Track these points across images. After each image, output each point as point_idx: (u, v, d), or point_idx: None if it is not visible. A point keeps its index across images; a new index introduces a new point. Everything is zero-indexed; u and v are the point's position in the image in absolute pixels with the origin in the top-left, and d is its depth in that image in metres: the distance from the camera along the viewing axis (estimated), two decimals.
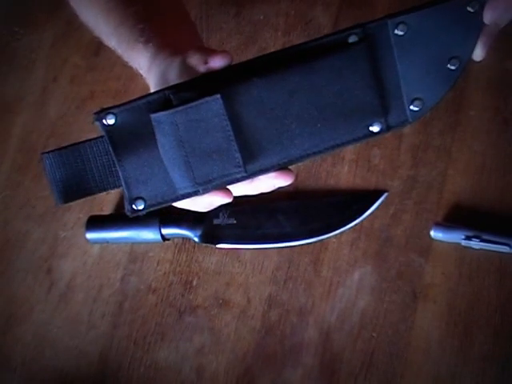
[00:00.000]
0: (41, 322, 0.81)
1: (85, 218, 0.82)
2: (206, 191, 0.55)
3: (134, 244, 0.82)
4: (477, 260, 0.77)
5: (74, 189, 0.56)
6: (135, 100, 0.54)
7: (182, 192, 0.55)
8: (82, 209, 0.84)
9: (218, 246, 0.80)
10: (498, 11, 0.54)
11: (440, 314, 0.76)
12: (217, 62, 0.55)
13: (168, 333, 0.79)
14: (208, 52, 0.56)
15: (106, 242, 0.82)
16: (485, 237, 0.76)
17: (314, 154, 0.55)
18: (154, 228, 0.80)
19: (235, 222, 0.81)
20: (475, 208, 0.79)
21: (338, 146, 0.55)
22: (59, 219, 0.85)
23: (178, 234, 0.81)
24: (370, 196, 0.81)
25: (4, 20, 0.94)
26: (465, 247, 0.77)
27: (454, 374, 0.74)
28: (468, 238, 0.77)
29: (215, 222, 0.81)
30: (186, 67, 0.56)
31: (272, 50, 0.86)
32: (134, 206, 0.55)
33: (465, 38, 0.55)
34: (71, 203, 0.57)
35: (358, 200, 0.81)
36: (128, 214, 0.56)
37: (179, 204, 0.57)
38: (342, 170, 0.82)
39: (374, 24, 0.55)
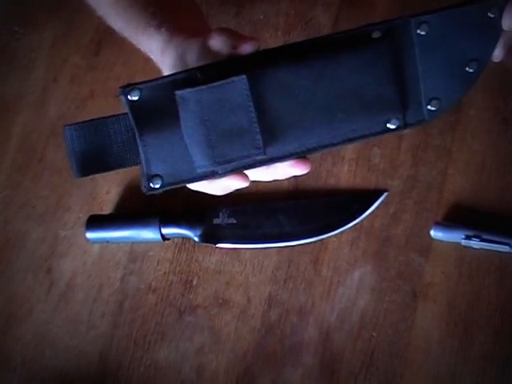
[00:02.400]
0: (41, 322, 0.81)
1: (85, 218, 0.82)
2: (224, 172, 0.55)
3: (134, 243, 0.82)
4: (477, 259, 0.77)
5: (92, 163, 0.56)
6: (161, 78, 0.55)
7: (200, 171, 0.55)
8: (81, 208, 0.84)
9: (218, 245, 0.80)
10: None
11: (440, 314, 0.76)
12: (246, 48, 0.55)
13: (168, 332, 0.79)
14: (237, 36, 0.56)
15: (106, 241, 0.82)
16: (485, 236, 0.76)
17: (332, 145, 0.56)
18: (153, 228, 0.80)
19: (235, 221, 0.81)
20: (475, 207, 0.79)
21: (356, 139, 0.56)
22: (59, 219, 0.85)
23: (178, 233, 0.81)
24: (370, 195, 0.81)
25: (4, 20, 0.94)
26: (465, 247, 0.77)
27: (454, 373, 0.74)
28: (468, 237, 0.77)
29: (215, 221, 0.81)
30: (207, 50, 0.56)
31: None
32: (151, 184, 0.55)
33: (484, 41, 0.56)
34: (87, 177, 0.57)
35: (358, 199, 0.81)
36: (144, 190, 0.56)
37: (196, 186, 0.57)
38: (342, 170, 0.82)
39: (398, 22, 0.55)
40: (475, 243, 0.76)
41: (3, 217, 0.86)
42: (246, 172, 0.56)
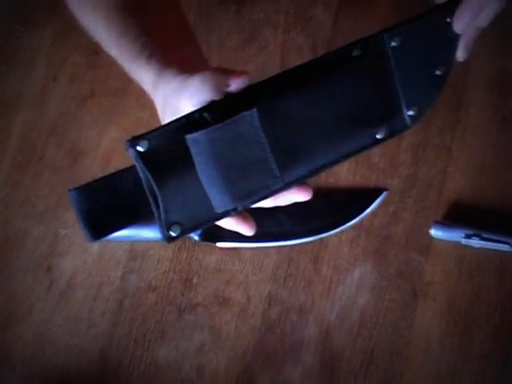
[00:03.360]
0: (41, 321, 0.81)
1: None
2: (243, 207, 0.55)
3: (134, 242, 0.82)
4: (477, 258, 0.77)
5: (104, 223, 0.55)
6: (167, 124, 0.54)
7: (220, 210, 0.54)
8: None
9: (218, 244, 0.80)
10: (465, 20, 0.58)
11: (440, 313, 0.76)
12: (238, 83, 0.55)
13: (168, 331, 0.79)
14: (227, 74, 0.55)
15: (107, 240, 0.82)
16: (485, 235, 0.76)
17: (334, 162, 0.57)
18: (154, 226, 0.80)
19: None
20: (475, 206, 0.79)
21: (352, 154, 0.57)
22: (59, 217, 0.85)
23: None
24: (369, 194, 0.81)
25: (4, 19, 0.94)
26: (465, 246, 0.77)
27: (454, 372, 0.74)
28: (468, 236, 0.77)
29: None
30: (201, 89, 0.55)
31: (272, 48, 0.87)
32: (170, 232, 0.54)
33: (446, 45, 0.59)
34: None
35: (358, 198, 0.81)
36: (164, 240, 0.54)
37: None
38: (341, 169, 0.82)
39: (374, 37, 0.57)
40: (475, 242, 0.76)
41: (3, 215, 0.86)
42: None
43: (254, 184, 0.54)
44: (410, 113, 0.58)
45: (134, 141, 0.52)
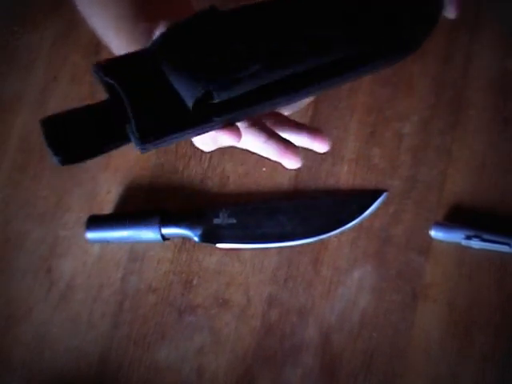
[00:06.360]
0: (40, 322, 0.81)
1: (85, 218, 0.82)
2: (220, 96, 0.52)
3: (134, 243, 0.82)
4: (477, 259, 0.77)
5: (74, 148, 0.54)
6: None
7: (191, 101, 0.52)
8: (81, 208, 0.84)
9: (218, 245, 0.80)
10: None
11: (440, 314, 0.76)
12: None
13: (168, 332, 0.79)
14: None
15: (107, 241, 0.82)
16: (485, 236, 0.76)
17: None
18: (154, 227, 0.80)
19: (235, 221, 0.81)
20: (475, 207, 0.79)
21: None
22: (59, 219, 0.85)
23: (178, 233, 0.81)
24: (369, 195, 0.81)
25: (4, 19, 0.94)
26: (465, 247, 0.77)
27: (454, 373, 0.74)
28: (468, 237, 0.76)
29: (215, 221, 0.81)
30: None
31: None
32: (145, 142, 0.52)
33: None
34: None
35: (358, 199, 0.81)
36: (138, 148, 0.53)
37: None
38: (341, 170, 0.82)
39: None
40: (475, 243, 0.76)
41: (3, 217, 0.86)
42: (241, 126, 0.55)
43: (230, 63, 0.51)
44: None
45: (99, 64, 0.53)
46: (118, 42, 0.64)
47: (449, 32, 0.84)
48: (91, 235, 0.81)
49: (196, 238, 0.80)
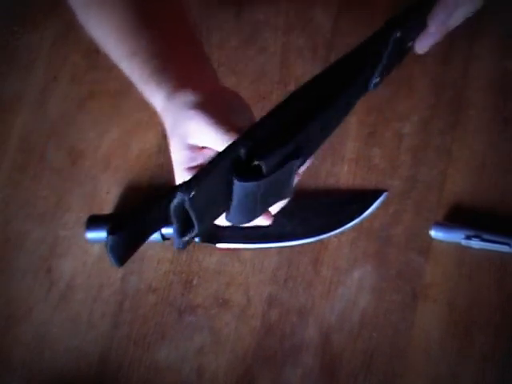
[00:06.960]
0: (40, 322, 0.81)
1: (85, 218, 0.82)
2: None
3: None
4: (477, 259, 0.77)
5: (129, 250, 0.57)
6: (211, 167, 0.52)
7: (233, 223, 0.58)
8: (81, 208, 0.84)
9: (218, 245, 0.80)
10: (440, 18, 0.62)
11: (440, 314, 0.76)
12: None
13: (168, 332, 0.79)
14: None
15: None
16: (485, 236, 0.76)
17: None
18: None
19: None
20: (475, 207, 0.79)
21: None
22: (59, 219, 0.84)
23: None
24: (369, 195, 0.81)
25: (3, 19, 0.94)
26: (465, 247, 0.77)
27: (454, 373, 0.74)
28: (468, 237, 0.77)
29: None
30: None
31: (272, 49, 0.87)
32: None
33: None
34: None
35: (358, 199, 0.81)
36: (179, 247, 0.57)
37: None
38: (341, 170, 0.82)
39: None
40: (475, 243, 0.76)
41: (3, 217, 0.86)
42: None
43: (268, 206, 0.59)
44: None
45: (185, 190, 0.51)
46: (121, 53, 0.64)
47: (449, 32, 0.84)
48: (91, 235, 0.81)
49: (196, 238, 0.80)
